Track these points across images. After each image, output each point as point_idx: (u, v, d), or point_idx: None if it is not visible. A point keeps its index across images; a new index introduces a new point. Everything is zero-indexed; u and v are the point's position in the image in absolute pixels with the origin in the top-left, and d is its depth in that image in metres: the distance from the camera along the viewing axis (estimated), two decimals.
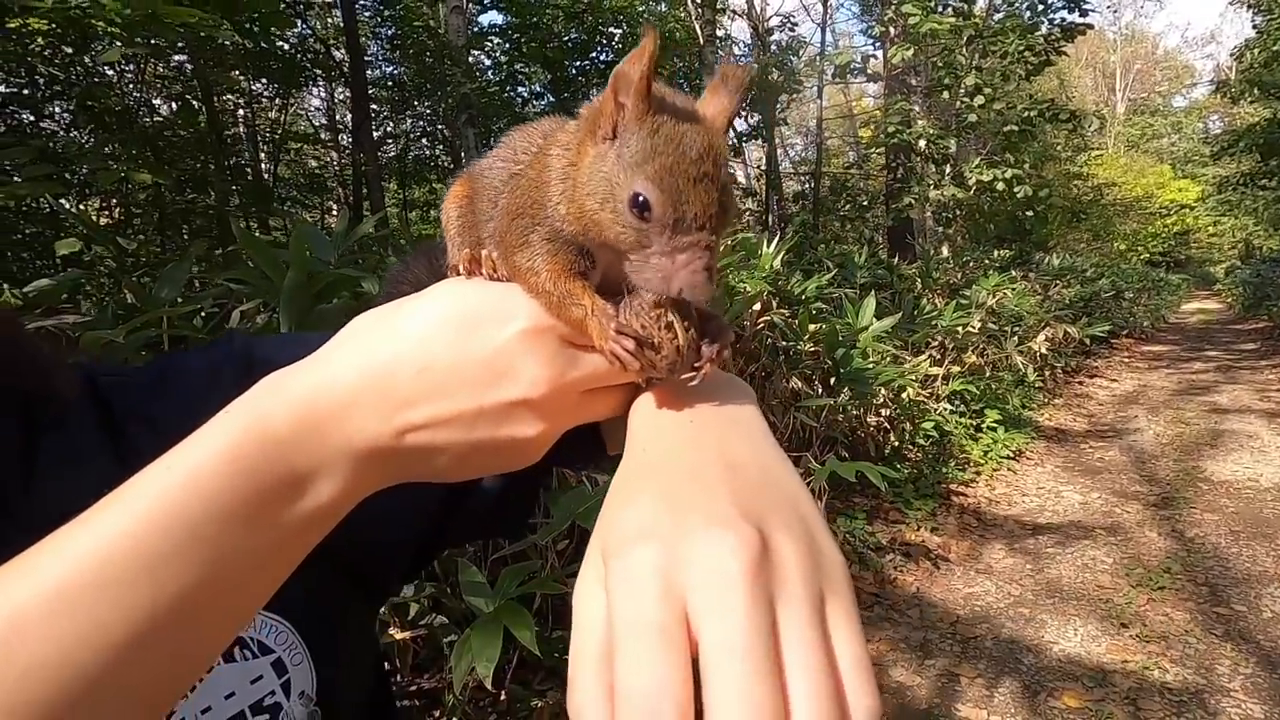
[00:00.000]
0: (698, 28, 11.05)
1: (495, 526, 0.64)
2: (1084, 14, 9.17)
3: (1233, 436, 5.89)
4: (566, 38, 9.67)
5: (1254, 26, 15.33)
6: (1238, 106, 19.08)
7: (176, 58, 5.35)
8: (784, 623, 0.26)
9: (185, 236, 5.28)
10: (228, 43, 5.08)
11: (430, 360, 0.39)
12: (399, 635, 1.95)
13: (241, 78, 6.86)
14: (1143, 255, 24.50)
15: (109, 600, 0.30)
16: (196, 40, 4.21)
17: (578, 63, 10.08)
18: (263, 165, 8.53)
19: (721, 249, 0.40)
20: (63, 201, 3.99)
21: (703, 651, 0.26)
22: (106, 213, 5.11)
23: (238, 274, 2.24)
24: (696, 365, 0.41)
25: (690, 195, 0.37)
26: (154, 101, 6.05)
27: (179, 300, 2.11)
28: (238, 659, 0.48)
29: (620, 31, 10.02)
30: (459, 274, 0.46)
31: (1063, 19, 9.23)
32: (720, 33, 12.01)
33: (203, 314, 2.31)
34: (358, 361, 0.39)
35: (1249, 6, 15.63)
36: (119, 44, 3.42)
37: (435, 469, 0.41)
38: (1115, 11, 36.09)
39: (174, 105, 6.08)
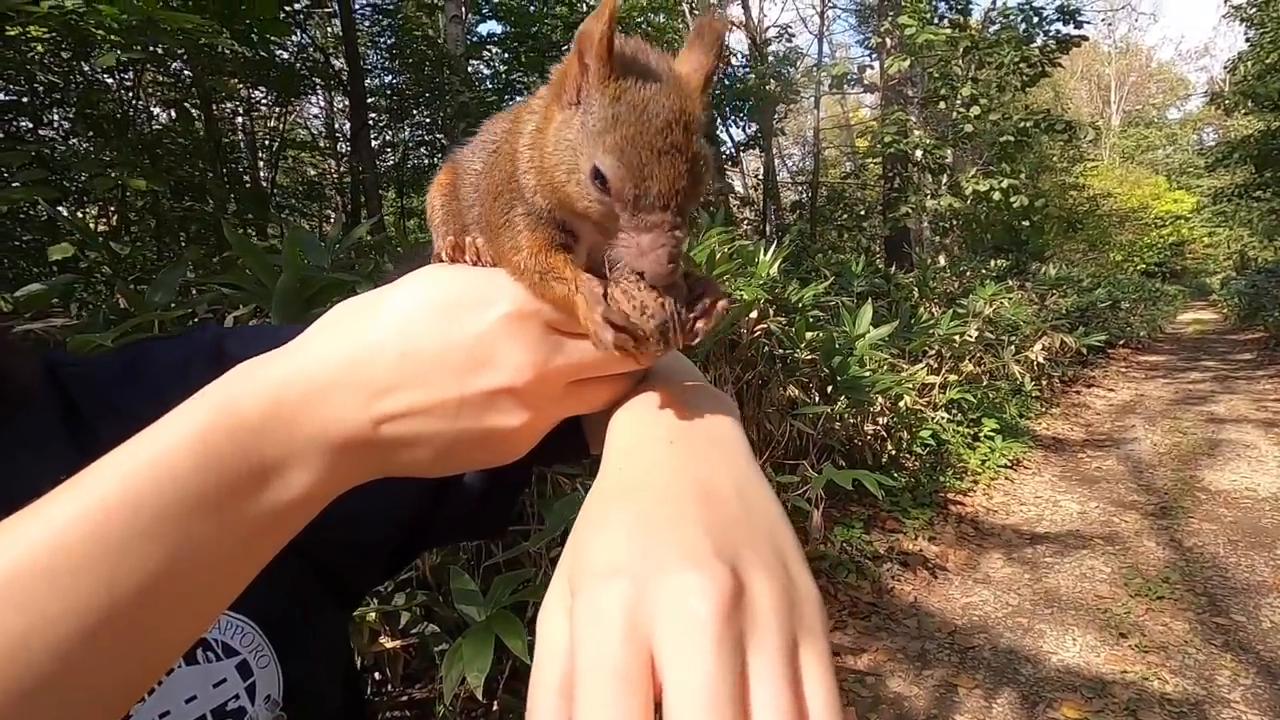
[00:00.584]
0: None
1: (477, 526, 0.63)
2: (1079, 26, 9.25)
3: (1230, 446, 5.89)
4: (565, 47, 9.67)
5: (1247, 39, 15.50)
6: (1232, 119, 19.26)
7: (175, 65, 5.36)
8: (754, 669, 0.26)
9: (182, 243, 5.28)
10: (226, 50, 5.09)
11: (410, 347, 0.37)
12: (390, 644, 1.92)
13: (240, 85, 6.88)
14: (1139, 266, 24.62)
15: (61, 591, 0.29)
16: (195, 47, 4.22)
17: None
18: (261, 173, 8.55)
19: (722, 249, 0.38)
20: (59, 209, 3.99)
21: (666, 698, 0.25)
22: (104, 219, 5.10)
23: (232, 279, 2.23)
24: (694, 319, 0.39)
25: (654, 169, 0.35)
26: (152, 109, 6.06)
27: (172, 305, 2.11)
28: (200, 661, 0.47)
29: None
30: (442, 261, 0.44)
31: (1058, 31, 9.32)
32: None
33: (196, 319, 2.30)
34: (335, 348, 0.38)
35: (1242, 20, 15.79)
36: (117, 50, 3.42)
37: (416, 462, 0.39)
38: (1110, 25, 36.41)
39: (172, 112, 6.09)
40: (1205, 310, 23.50)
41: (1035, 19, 9.28)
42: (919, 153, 9.83)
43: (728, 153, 11.83)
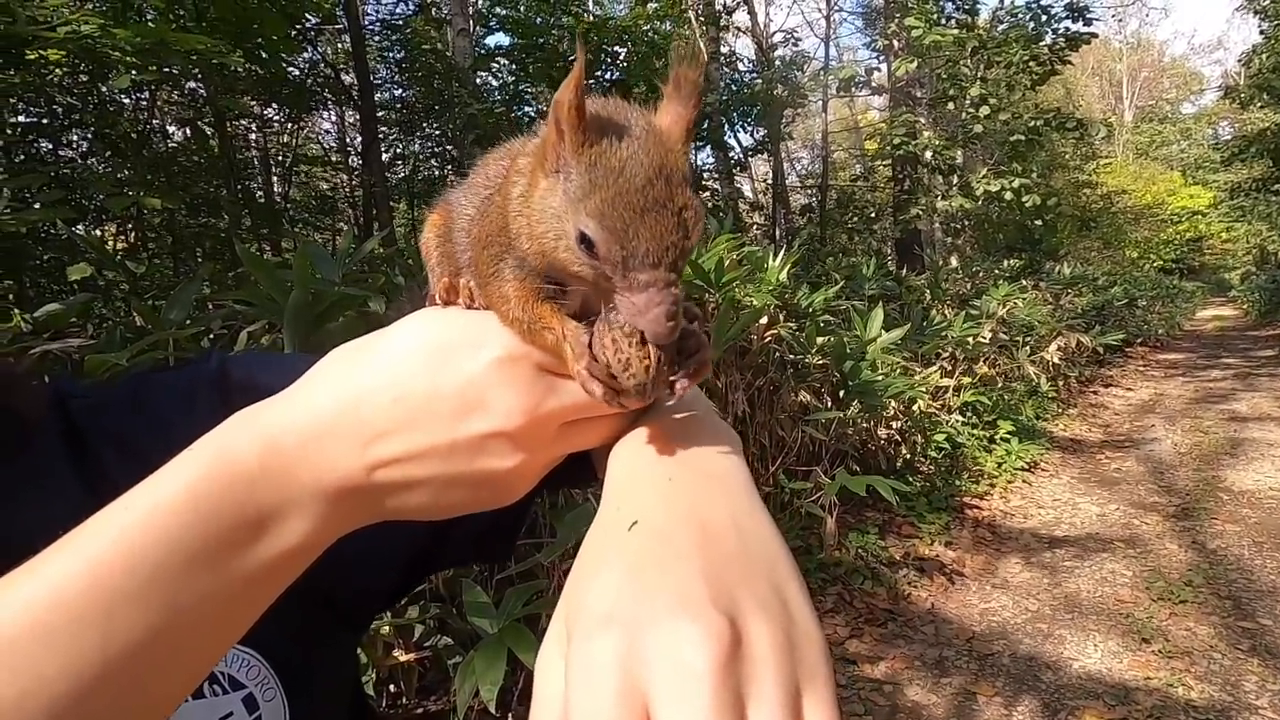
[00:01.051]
0: (701, 45, 11.17)
1: (484, 552, 0.63)
2: (1088, 23, 9.16)
3: (1253, 445, 5.78)
4: (572, 57, 9.77)
5: (1261, 32, 15.30)
6: (1247, 112, 19.00)
7: (189, 84, 5.45)
8: None
9: (198, 259, 5.36)
10: (239, 69, 5.17)
11: (402, 392, 0.37)
12: (404, 657, 1.93)
13: (253, 103, 6.98)
14: (1155, 262, 24.30)
15: (58, 651, 0.29)
16: (208, 67, 4.29)
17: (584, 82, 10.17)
18: (274, 188, 8.66)
19: (731, 255, 0.38)
20: (77, 228, 4.06)
21: None
22: (122, 237, 5.18)
23: (244, 295, 2.26)
24: (672, 381, 0.39)
25: (638, 229, 0.35)
26: (168, 127, 6.17)
27: (187, 322, 2.13)
28: (206, 695, 0.47)
29: (625, 50, 10.11)
30: (437, 304, 0.45)
31: (1067, 28, 9.23)
32: (725, 49, 12.11)
33: (210, 335, 2.33)
34: (329, 394, 0.38)
35: (1255, 13, 15.59)
36: (132, 72, 3.49)
37: (411, 507, 0.39)
38: (1120, 20, 36.07)
39: (187, 131, 6.19)
40: (1225, 306, 23.14)
41: (1044, 17, 9.20)
42: (929, 154, 9.77)
43: (736, 158, 11.84)
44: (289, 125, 8.69)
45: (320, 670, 0.54)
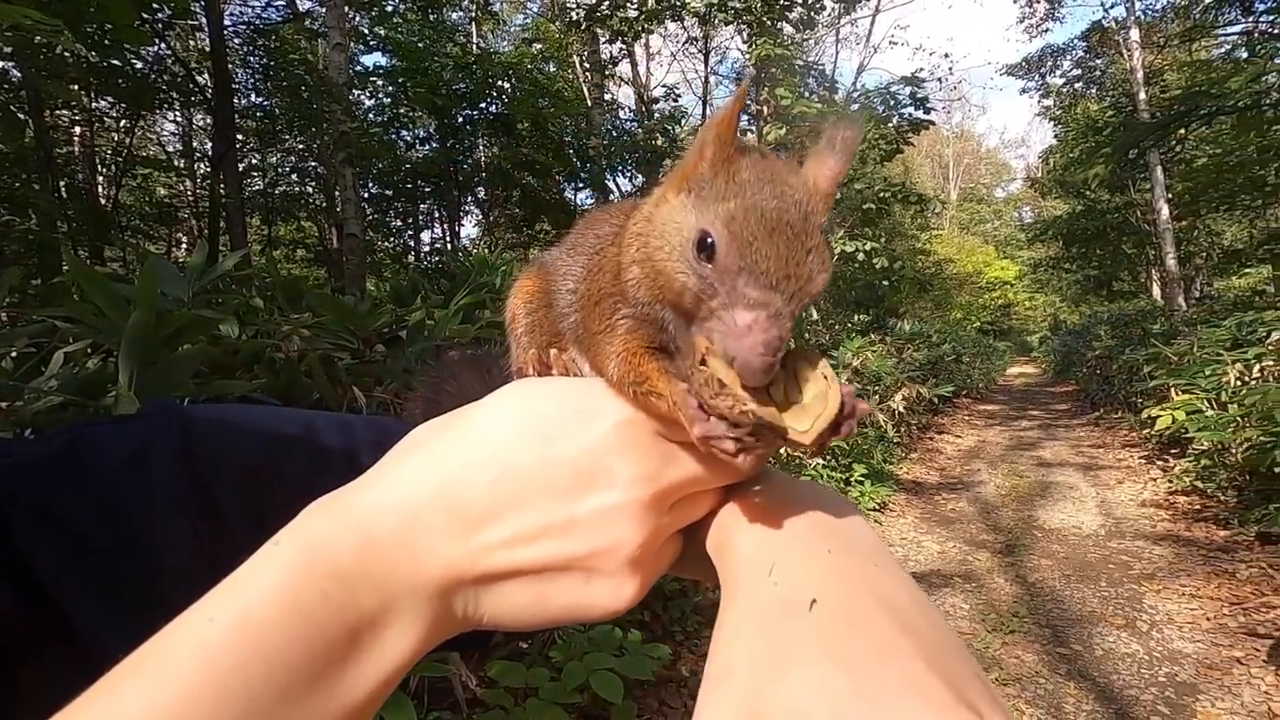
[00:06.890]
0: (585, 90, 11.44)
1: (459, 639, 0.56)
2: (927, 111, 10.45)
3: (1057, 488, 6.62)
4: (456, 86, 9.62)
5: (1055, 136, 18.22)
6: (1046, 201, 22.44)
7: (2, 63, 4.73)
8: None
9: None
10: (68, 52, 4.57)
11: (507, 467, 0.33)
12: None
13: (81, 92, 6.18)
14: (975, 323, 27.66)
15: None
16: (28, 45, 3.74)
17: (466, 111, 10.03)
18: (100, 190, 7.67)
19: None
20: None
21: None
22: None
23: (64, 310, 1.94)
24: (821, 441, 0.33)
25: (764, 246, 0.32)
26: None
27: None
28: None
29: (510, 85, 10.12)
30: (525, 376, 0.42)
31: (910, 114, 10.46)
32: (608, 96, 12.47)
33: (13, 355, 1.97)
34: (424, 473, 0.33)
35: (1050, 119, 18.59)
36: None
37: (509, 607, 0.33)
38: (948, 111, 41.52)
39: None
40: (1028, 365, 26.73)
41: (892, 102, 10.39)
42: None
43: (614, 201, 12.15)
44: (124, 123, 7.79)
45: None
